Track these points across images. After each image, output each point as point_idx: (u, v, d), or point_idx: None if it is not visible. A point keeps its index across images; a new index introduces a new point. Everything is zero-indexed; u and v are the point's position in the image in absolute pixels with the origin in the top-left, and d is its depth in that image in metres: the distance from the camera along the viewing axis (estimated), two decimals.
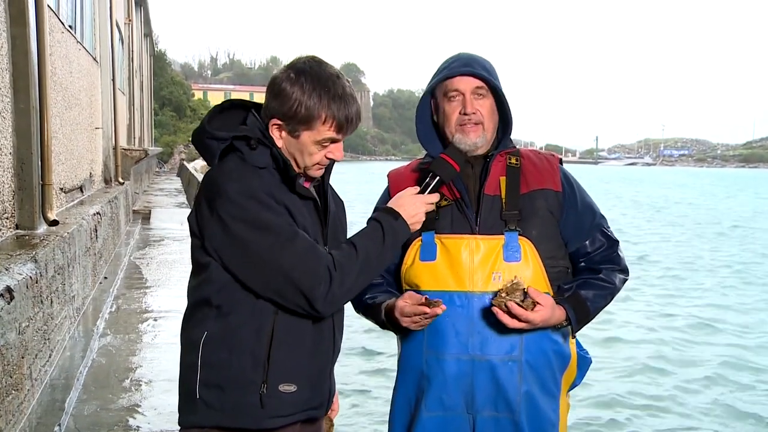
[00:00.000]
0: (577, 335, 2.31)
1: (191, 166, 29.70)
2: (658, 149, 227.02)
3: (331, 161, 1.99)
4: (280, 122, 1.92)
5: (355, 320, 2.39)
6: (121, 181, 12.62)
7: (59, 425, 4.00)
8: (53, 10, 6.84)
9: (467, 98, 2.23)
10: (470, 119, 2.23)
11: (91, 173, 9.80)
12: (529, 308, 2.11)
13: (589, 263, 2.30)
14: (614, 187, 65.33)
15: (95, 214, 7.60)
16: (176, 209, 17.02)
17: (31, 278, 4.13)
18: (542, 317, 2.13)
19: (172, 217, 14.82)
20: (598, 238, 2.31)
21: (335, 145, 1.94)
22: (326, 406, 2.07)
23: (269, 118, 1.94)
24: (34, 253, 4.42)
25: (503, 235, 2.20)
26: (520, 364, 2.19)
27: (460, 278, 2.19)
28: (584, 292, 2.25)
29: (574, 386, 2.36)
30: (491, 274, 2.18)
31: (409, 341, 2.28)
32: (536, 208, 2.23)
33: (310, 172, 1.97)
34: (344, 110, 1.90)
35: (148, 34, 28.04)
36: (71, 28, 8.41)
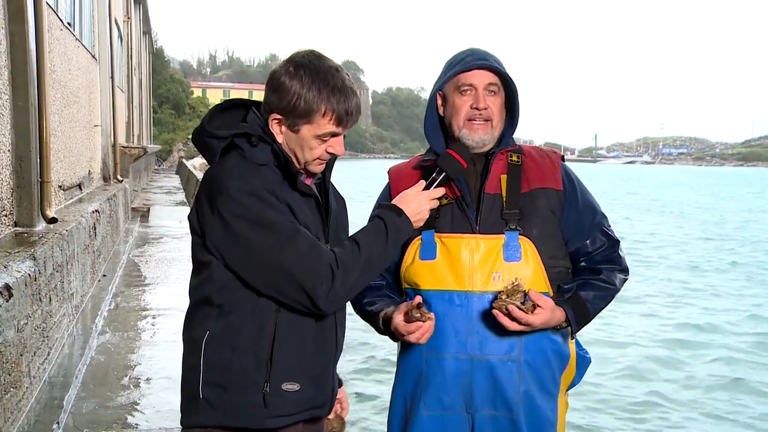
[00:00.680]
0: (576, 335, 2.29)
1: (190, 163, 29.68)
2: (656, 148, 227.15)
3: (332, 157, 1.98)
4: (279, 117, 1.91)
5: (355, 317, 2.38)
6: (119, 178, 12.61)
7: (58, 423, 4.00)
8: (52, 7, 6.83)
9: (480, 93, 2.20)
10: (480, 115, 2.20)
11: (89, 171, 9.79)
12: (529, 311, 2.09)
13: (589, 263, 2.29)
14: (613, 186, 65.28)
15: (94, 211, 7.59)
16: (175, 207, 17.01)
17: (29, 276, 4.13)
18: (542, 320, 2.12)
19: (170, 214, 14.80)
20: (598, 237, 2.28)
21: (336, 139, 1.93)
22: (329, 405, 2.05)
23: (269, 113, 1.93)
24: (32, 250, 4.42)
25: (503, 234, 2.18)
26: (519, 364, 2.18)
27: (459, 278, 2.18)
28: (584, 293, 2.24)
29: (573, 385, 2.35)
30: (491, 273, 2.16)
31: (408, 341, 2.25)
32: (537, 207, 2.21)
33: (310, 167, 1.96)
34: (344, 103, 1.88)
35: (147, 31, 27.99)
36: (70, 25, 8.40)
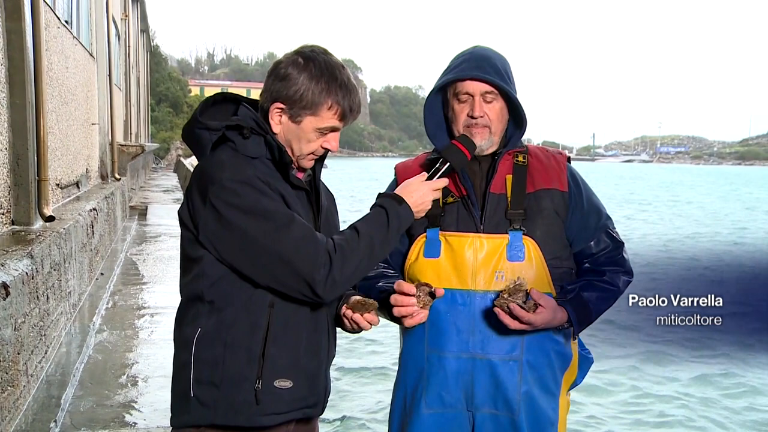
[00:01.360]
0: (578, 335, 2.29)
1: (188, 162, 29.64)
2: (654, 146, 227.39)
3: (324, 152, 1.97)
4: (282, 106, 1.90)
5: None
6: (117, 177, 12.59)
7: (55, 421, 3.99)
8: (49, 5, 6.81)
9: (476, 101, 2.19)
10: (477, 123, 2.19)
11: (87, 169, 9.78)
12: (530, 310, 2.08)
13: (593, 264, 2.28)
14: (611, 185, 65.28)
15: (91, 210, 7.58)
16: (173, 205, 16.98)
17: (27, 274, 4.12)
18: (544, 319, 2.11)
19: (168, 213, 14.78)
20: (603, 239, 2.28)
21: (333, 134, 1.93)
22: (322, 405, 2.03)
23: (271, 101, 1.91)
24: (30, 249, 4.41)
25: (507, 234, 2.18)
26: (520, 363, 2.18)
27: (462, 276, 2.17)
28: (587, 294, 2.23)
29: (575, 385, 2.34)
30: (494, 273, 2.16)
31: (410, 338, 2.27)
32: (542, 207, 2.20)
33: (303, 161, 1.95)
34: (349, 99, 1.90)
35: (144, 29, 27.97)
36: (67, 23, 8.38)
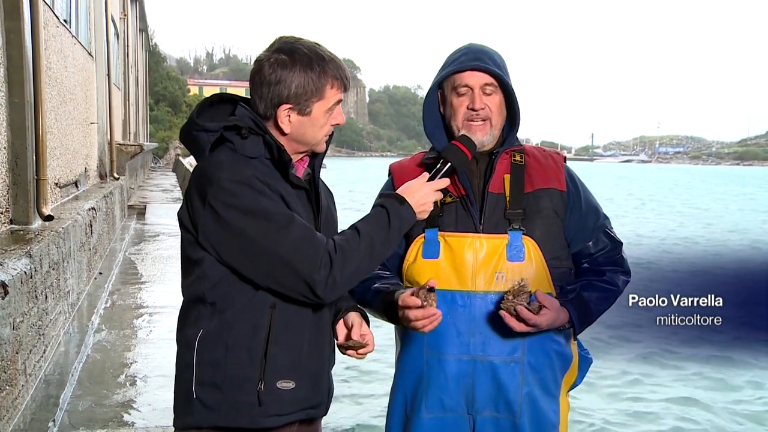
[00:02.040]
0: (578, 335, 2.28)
1: (186, 161, 29.60)
2: (653, 146, 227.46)
3: (332, 131, 1.99)
4: (290, 105, 1.90)
5: None
6: (116, 176, 12.58)
7: (54, 421, 3.99)
8: (48, 4, 6.80)
9: (476, 93, 2.18)
10: (478, 115, 2.18)
11: (86, 168, 9.77)
12: (535, 311, 2.07)
13: (592, 264, 2.27)
14: (610, 185, 65.27)
15: (90, 209, 7.57)
16: (172, 205, 16.98)
17: (25, 273, 4.12)
18: (548, 320, 2.10)
19: (167, 212, 14.77)
20: (601, 239, 2.27)
21: (337, 108, 1.96)
22: (325, 406, 2.02)
23: (276, 107, 1.91)
24: (28, 248, 4.41)
25: (507, 234, 2.16)
26: (522, 365, 2.16)
27: (462, 277, 2.15)
28: (587, 294, 2.22)
29: (574, 386, 2.33)
30: (494, 273, 2.14)
31: (409, 342, 2.24)
32: (541, 207, 2.19)
33: (317, 148, 1.98)
34: (340, 69, 1.93)
35: (143, 29, 27.96)
36: (66, 22, 8.37)
